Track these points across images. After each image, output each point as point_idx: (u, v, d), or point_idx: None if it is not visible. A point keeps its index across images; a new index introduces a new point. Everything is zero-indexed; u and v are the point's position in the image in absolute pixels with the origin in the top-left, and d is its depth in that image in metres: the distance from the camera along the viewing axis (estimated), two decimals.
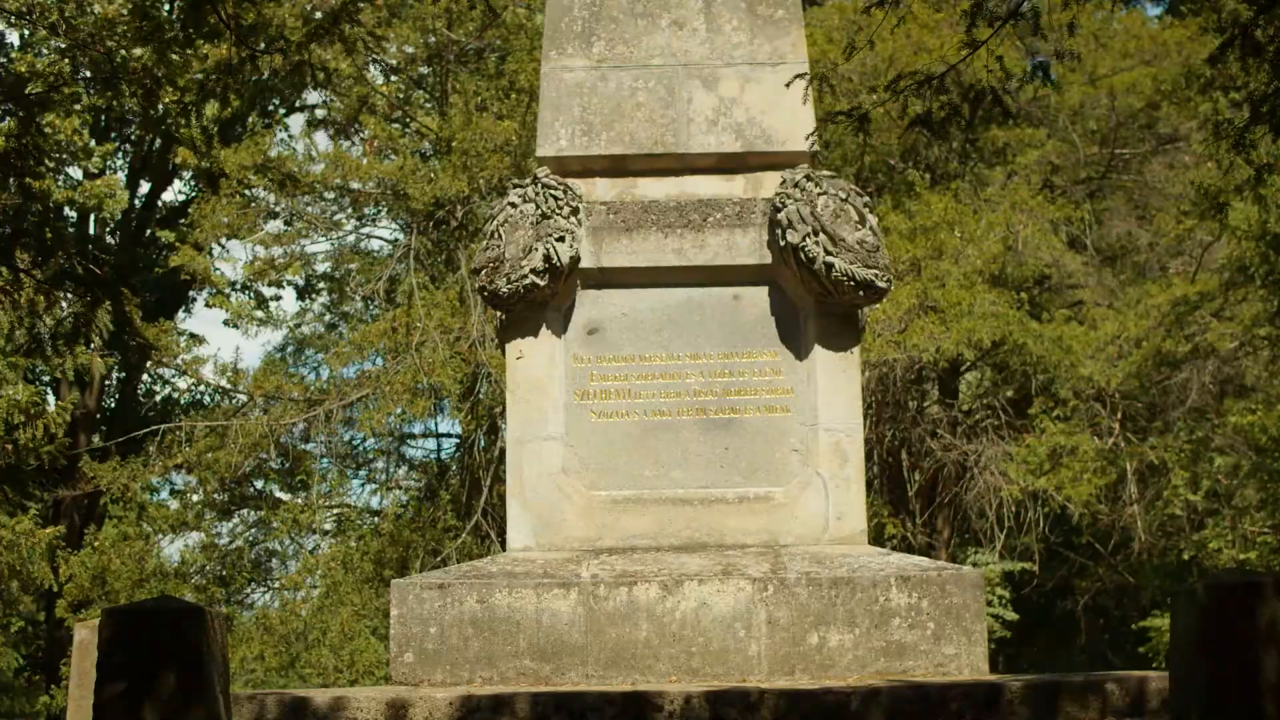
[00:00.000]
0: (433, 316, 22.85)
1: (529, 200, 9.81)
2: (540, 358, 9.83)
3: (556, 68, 10.28)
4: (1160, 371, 23.14)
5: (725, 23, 10.32)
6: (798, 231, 9.47)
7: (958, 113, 9.68)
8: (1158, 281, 23.90)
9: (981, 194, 23.34)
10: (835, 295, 9.56)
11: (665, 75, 10.24)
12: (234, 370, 25.24)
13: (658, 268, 9.88)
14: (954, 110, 9.70)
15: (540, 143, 10.20)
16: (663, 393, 9.78)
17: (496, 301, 9.75)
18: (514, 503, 9.73)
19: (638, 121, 10.17)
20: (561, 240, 9.63)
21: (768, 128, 10.12)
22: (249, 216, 24.72)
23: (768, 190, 9.98)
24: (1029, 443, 22.32)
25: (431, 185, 23.10)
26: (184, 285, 30.39)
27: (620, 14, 10.35)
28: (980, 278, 21.36)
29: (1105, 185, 25.97)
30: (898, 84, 9.44)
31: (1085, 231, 24.50)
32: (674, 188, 10.15)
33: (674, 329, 9.87)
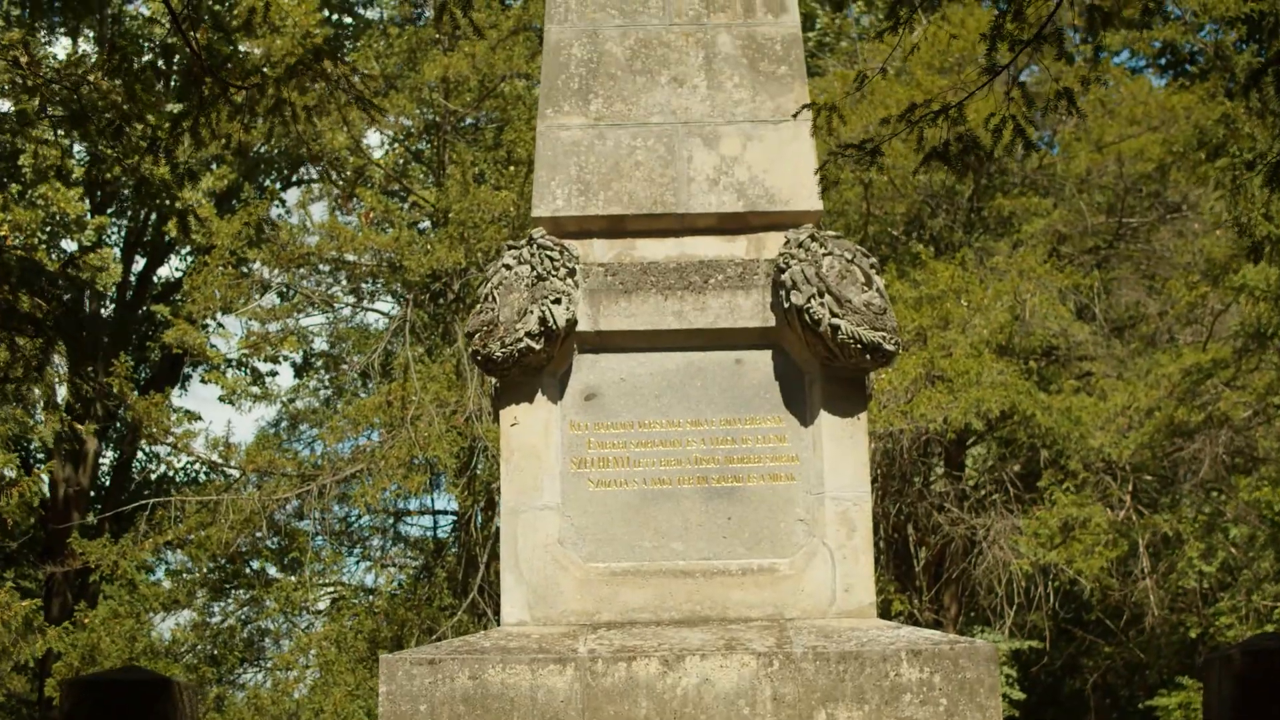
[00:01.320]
0: (429, 390, 22.55)
1: (524, 262, 9.49)
2: (536, 424, 9.48)
3: (553, 126, 9.98)
4: (1172, 442, 22.78)
5: (726, 79, 10.04)
6: (802, 293, 9.15)
7: (977, 144, 9.31)
8: (1167, 351, 23.58)
9: (988, 262, 23.07)
10: (841, 359, 9.22)
11: (665, 133, 9.95)
12: (226, 445, 24.88)
13: (657, 331, 9.53)
14: (973, 142, 9.34)
15: (536, 203, 9.89)
16: (663, 460, 9.42)
17: (490, 366, 9.41)
18: (508, 575, 9.35)
19: (636, 181, 9.86)
20: (557, 302, 9.30)
21: (770, 187, 9.81)
22: (243, 289, 24.44)
23: (771, 251, 9.66)
24: (1040, 515, 21.93)
25: (428, 257, 22.84)
26: (177, 359, 30.10)
27: (618, 71, 10.07)
28: (987, 347, 21.06)
29: (1113, 254, 25.72)
30: (912, 113, 9.08)
31: (1094, 300, 24.20)
32: (674, 249, 9.83)
33: (674, 394, 9.52)
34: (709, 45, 10.13)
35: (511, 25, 24.54)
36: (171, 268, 34.55)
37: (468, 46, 23.91)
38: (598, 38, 10.15)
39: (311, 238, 24.74)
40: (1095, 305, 24.33)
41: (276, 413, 30.84)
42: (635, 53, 10.12)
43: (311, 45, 12.70)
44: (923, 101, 9.23)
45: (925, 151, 9.64)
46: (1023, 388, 21.16)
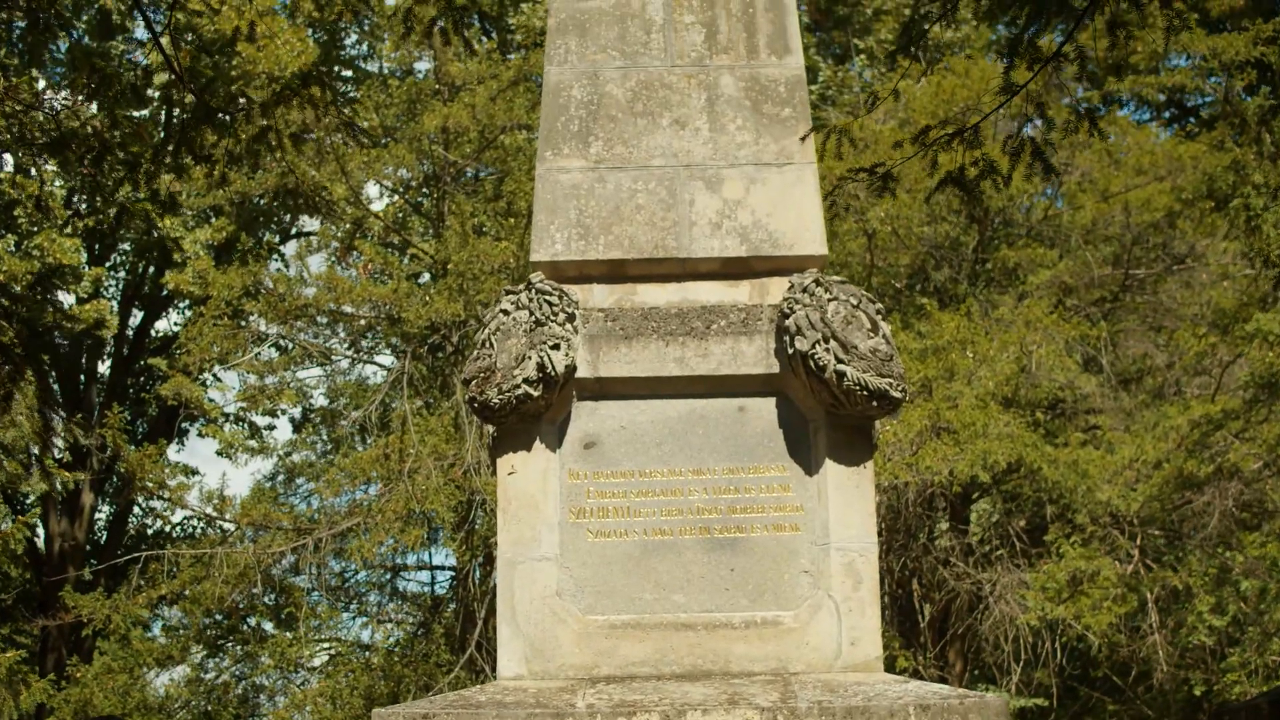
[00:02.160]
0: (426, 443, 22.33)
1: (522, 307, 9.28)
2: (533, 473, 9.24)
3: (552, 169, 9.79)
4: (1181, 495, 22.53)
5: (729, 122, 9.85)
6: (807, 338, 8.93)
7: (994, 168, 9.07)
8: (1175, 403, 23.36)
9: (993, 314, 22.89)
10: (847, 406, 8.99)
11: (666, 176, 9.75)
12: (221, 498, 24.63)
13: (658, 378, 9.30)
14: (990, 166, 9.09)
15: (535, 247, 9.67)
16: (664, 510, 9.17)
17: (487, 414, 9.18)
18: (505, 628, 9.09)
19: (637, 225, 9.65)
20: (556, 348, 9.07)
21: (774, 231, 9.61)
22: (239, 340, 24.26)
23: (774, 296, 9.45)
24: (1048, 568, 21.65)
25: (426, 308, 22.66)
26: (175, 414, 29.90)
27: (619, 113, 9.89)
28: (993, 399, 20.85)
29: (1119, 306, 25.54)
30: (925, 136, 8.85)
31: (1101, 352, 23.99)
32: (675, 294, 9.61)
33: (676, 442, 9.29)
34: (711, 87, 9.95)
35: (512, 75, 24.45)
36: (170, 322, 34.45)
37: (467, 97, 23.83)
38: (598, 79, 9.98)
39: (309, 289, 24.54)
40: (1102, 356, 24.11)
41: (273, 466, 30.64)
42: (636, 95, 9.94)
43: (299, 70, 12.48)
44: (937, 123, 8.97)
45: (939, 176, 9.37)
46: (1029, 439, 20.94)
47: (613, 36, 10.07)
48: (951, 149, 9.04)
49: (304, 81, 11.17)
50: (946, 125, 9.00)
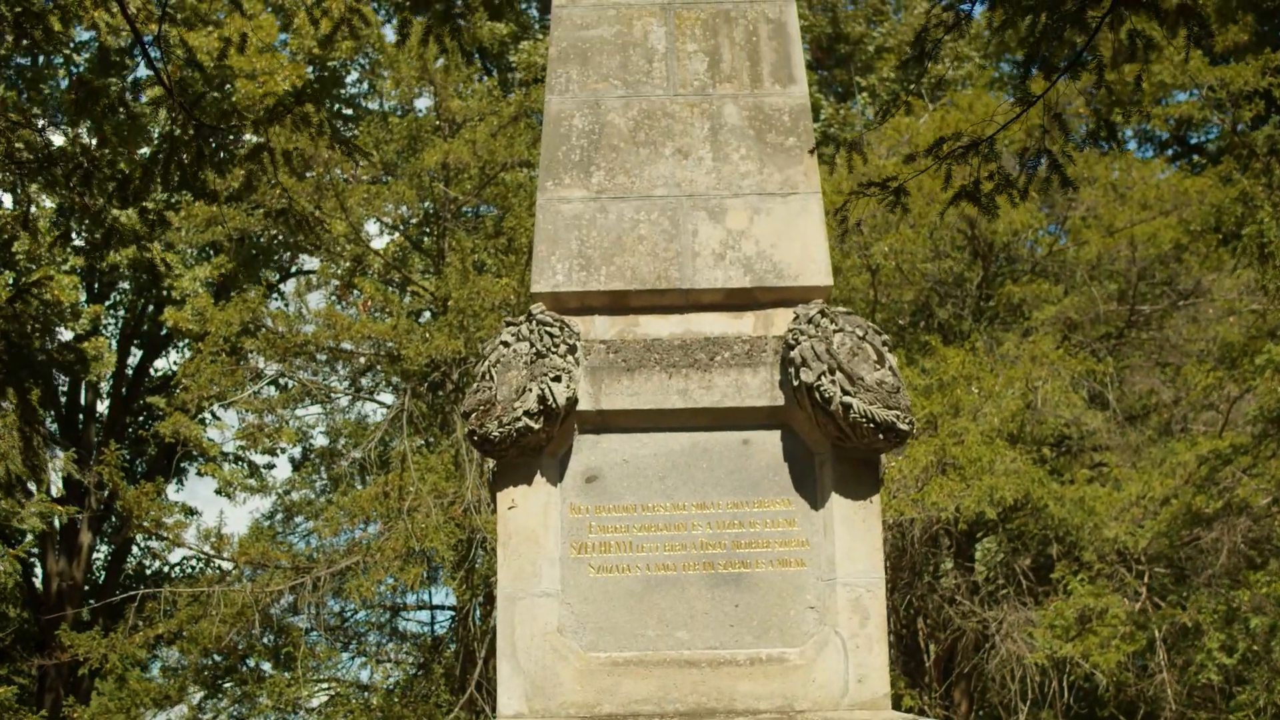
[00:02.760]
0: (426, 481, 22.16)
1: (523, 339, 9.13)
2: (534, 508, 9.08)
3: (553, 199, 9.65)
4: (1189, 531, 22.32)
5: (733, 151, 9.72)
6: (812, 370, 8.78)
7: (1010, 183, 8.89)
8: (1182, 440, 23.16)
9: (998, 349, 22.73)
10: (853, 439, 8.84)
11: (669, 206, 9.61)
12: (218, 536, 24.44)
13: (661, 410, 9.15)
14: (1005, 180, 8.90)
15: (535, 278, 9.52)
16: (667, 545, 9.01)
17: (487, 447, 9.02)
18: (505, 665, 8.91)
19: (639, 255, 9.51)
20: (557, 380, 8.92)
21: (779, 262, 9.46)
22: (237, 377, 24.11)
23: (779, 328, 9.30)
24: (1056, 605, 21.42)
25: (426, 345, 22.51)
26: (171, 450, 29.75)
27: (621, 142, 9.76)
28: (999, 435, 20.68)
29: (1125, 342, 25.38)
30: (939, 148, 8.68)
31: (1107, 387, 23.80)
32: (678, 326, 9.46)
33: (679, 476, 9.13)
34: (715, 116, 9.82)
35: (513, 111, 24.38)
36: (170, 361, 34.35)
37: (468, 133, 23.74)
38: (600, 109, 9.86)
39: (308, 326, 24.42)
40: (1109, 392, 23.92)
41: (272, 504, 30.47)
42: (639, 124, 9.82)
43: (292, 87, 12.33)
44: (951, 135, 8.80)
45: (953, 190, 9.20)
46: (1036, 475, 20.76)
47: (614, 65, 9.96)
48: (966, 162, 8.84)
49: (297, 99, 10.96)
50: (960, 138, 8.80)
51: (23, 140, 16.36)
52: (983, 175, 8.90)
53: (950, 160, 8.71)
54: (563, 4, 10.14)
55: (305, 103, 10.83)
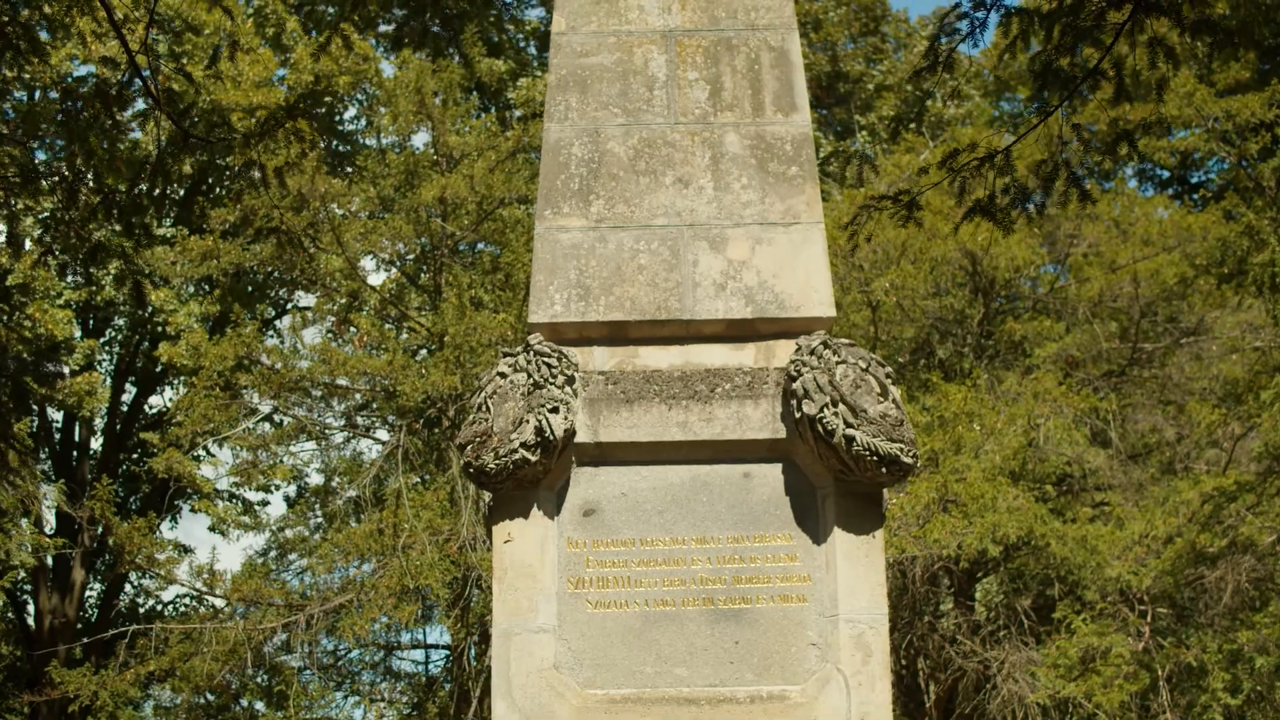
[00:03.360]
0: (421, 518, 21.98)
1: (520, 369, 8.97)
2: (530, 542, 8.90)
3: (551, 228, 9.50)
4: (1194, 569, 22.11)
5: (734, 180, 9.58)
6: (815, 402, 8.63)
7: (1026, 197, 8.69)
8: (1186, 479, 22.98)
9: (1000, 386, 22.57)
10: (856, 472, 8.67)
11: (669, 236, 9.47)
12: (211, 573, 24.22)
13: (660, 443, 8.99)
14: (1022, 193, 8.69)
15: (533, 308, 9.37)
16: (666, 580, 8.84)
17: (483, 479, 8.85)
18: (500, 702, 8.71)
19: (639, 285, 9.35)
20: (555, 411, 8.76)
21: (780, 292, 9.31)
22: (232, 412, 23.94)
23: (781, 359, 9.15)
24: (1059, 644, 21.20)
25: (422, 381, 22.35)
26: (165, 487, 29.58)
27: (621, 171, 9.61)
28: (1000, 473, 20.51)
29: (1127, 380, 25.21)
30: (954, 160, 8.49)
31: (1110, 425, 23.61)
32: (678, 357, 9.31)
33: (678, 510, 8.96)
34: (716, 145, 9.69)
35: (511, 146, 24.28)
36: (165, 398, 34.22)
37: (466, 168, 23.63)
38: (599, 137, 9.72)
39: (303, 362, 24.27)
40: (1111, 430, 23.74)
41: (265, 541, 30.26)
42: (639, 152, 9.68)
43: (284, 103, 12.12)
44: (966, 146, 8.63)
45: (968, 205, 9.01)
46: (1039, 512, 20.58)
47: (614, 93, 9.83)
48: (980, 175, 8.65)
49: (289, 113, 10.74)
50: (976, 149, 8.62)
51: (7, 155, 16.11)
52: (998, 189, 8.69)
53: (964, 173, 8.49)
54: (562, 31, 10.02)
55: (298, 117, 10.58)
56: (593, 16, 10.03)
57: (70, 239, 22.72)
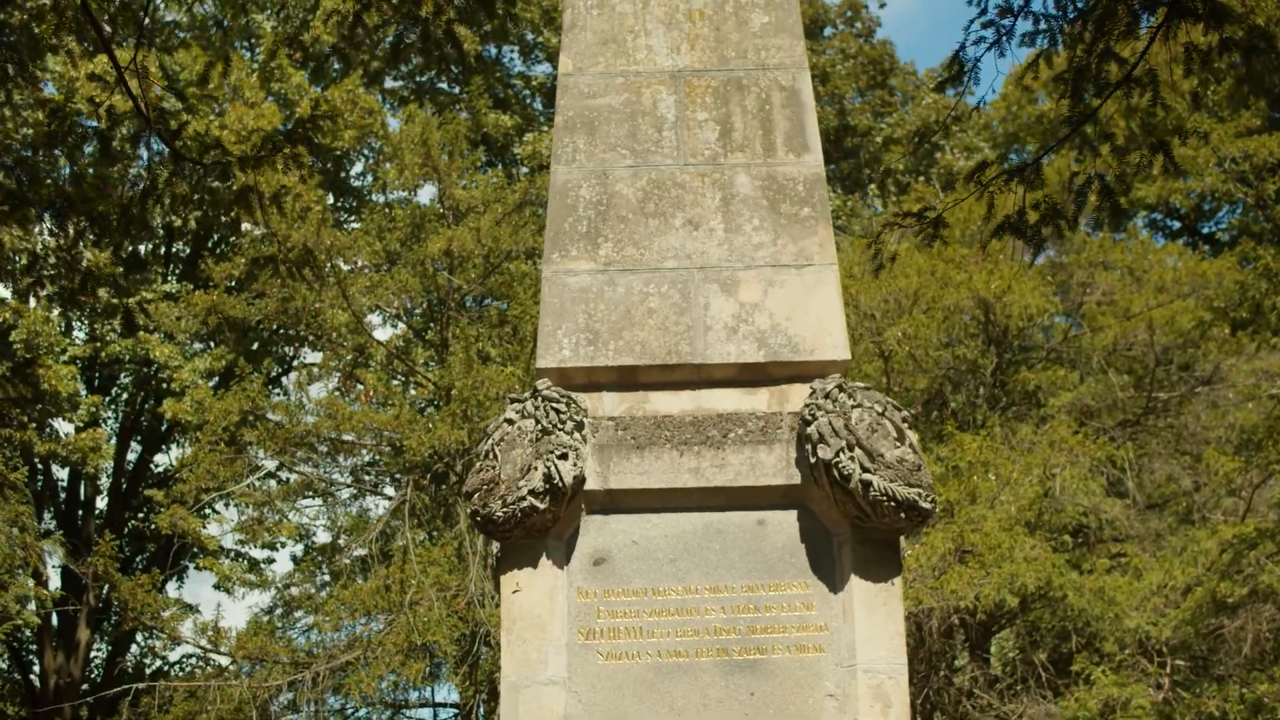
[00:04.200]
0: (429, 574, 21.75)
1: (528, 415, 8.78)
2: (539, 592, 8.68)
3: (559, 271, 9.31)
4: (1215, 619, 21.81)
5: (745, 222, 9.40)
6: (830, 446, 8.42)
7: (1058, 213, 8.40)
8: (1203, 528, 22.71)
9: (1015, 435, 22.34)
10: (873, 518, 8.46)
11: (679, 279, 9.28)
12: (215, 629, 23.97)
13: (672, 489, 8.78)
14: (1053, 209, 8.39)
15: (541, 353, 9.18)
16: (679, 631, 8.61)
17: (490, 528, 8.64)
18: None
19: (649, 329, 9.16)
20: (564, 458, 8.56)
21: (794, 336, 9.12)
22: (237, 468, 23.73)
23: (794, 404, 8.95)
24: (1079, 696, 20.88)
25: (429, 436, 22.15)
26: (169, 543, 29.39)
27: (630, 213, 9.44)
28: (1016, 523, 20.26)
29: (1142, 429, 24.96)
30: (981, 174, 8.23)
31: (1126, 473, 23.33)
32: (690, 402, 9.10)
33: (691, 558, 8.75)
34: (726, 186, 9.52)
35: (518, 198, 24.17)
36: (170, 457, 34.07)
37: (473, 220, 23.51)
38: (607, 179, 9.56)
39: (309, 417, 24.08)
40: (1128, 478, 23.48)
41: (271, 599, 30.01)
42: (648, 194, 9.51)
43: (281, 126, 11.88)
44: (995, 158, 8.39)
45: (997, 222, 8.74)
46: (1057, 562, 20.32)
47: (623, 134, 9.67)
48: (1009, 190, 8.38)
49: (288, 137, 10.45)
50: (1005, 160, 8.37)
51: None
52: (1028, 204, 8.42)
53: (993, 188, 8.24)
54: (569, 72, 9.87)
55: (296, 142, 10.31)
56: (600, 57, 9.89)
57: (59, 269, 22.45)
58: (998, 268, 21.47)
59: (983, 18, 7.91)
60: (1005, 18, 7.50)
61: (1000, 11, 7.59)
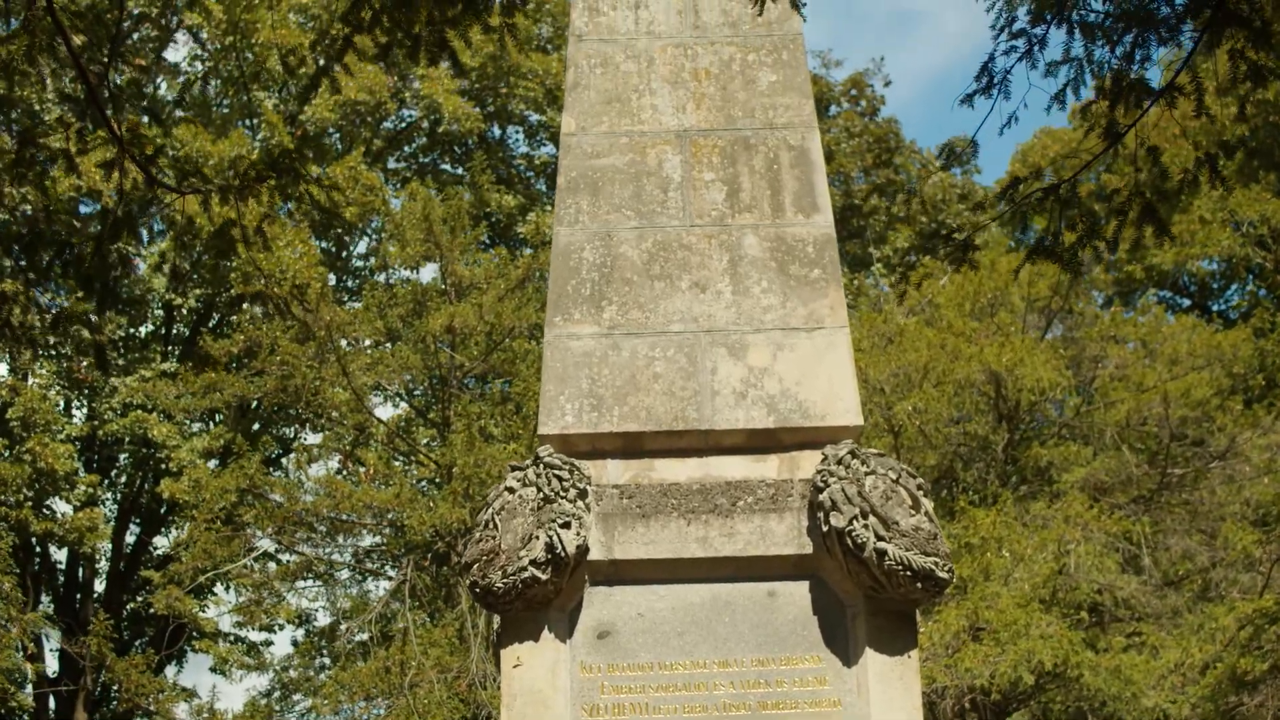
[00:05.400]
0: (430, 655, 21.40)
1: (529, 484, 8.50)
2: (541, 666, 8.39)
3: (562, 335, 9.05)
4: (1235, 695, 21.40)
5: (754, 284, 9.14)
6: (843, 514, 8.14)
7: (1096, 232, 7.99)
8: (1221, 604, 22.34)
9: (1028, 511, 22.01)
10: (888, 589, 8.17)
11: (686, 343, 9.02)
12: (211, 712, 23.57)
13: (679, 560, 8.52)
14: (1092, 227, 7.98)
15: (543, 419, 8.90)
16: (687, 707, 8.32)
17: (490, 600, 8.34)
18: None
19: (655, 395, 8.89)
20: (567, 526, 8.27)
21: (804, 401, 8.84)
22: (234, 547, 23.40)
23: (805, 471, 8.66)
24: None
25: (430, 514, 21.84)
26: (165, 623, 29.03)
27: (635, 276, 9.18)
28: (1030, 599, 19.91)
29: (1157, 505, 24.61)
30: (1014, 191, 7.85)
31: (1142, 549, 22.96)
32: (697, 469, 8.82)
33: (699, 632, 8.46)
34: (734, 248, 9.27)
35: (520, 274, 23.96)
36: (170, 539, 33.74)
37: (475, 296, 23.28)
38: (611, 240, 9.31)
39: (308, 496, 23.79)
40: (1144, 554, 23.11)
41: (269, 682, 29.61)
42: (653, 256, 9.26)
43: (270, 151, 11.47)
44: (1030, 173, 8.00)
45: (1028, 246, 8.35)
46: (1074, 639, 19.94)
47: (627, 195, 9.44)
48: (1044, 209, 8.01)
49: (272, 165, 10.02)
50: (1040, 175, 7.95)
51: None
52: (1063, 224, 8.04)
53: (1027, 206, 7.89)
54: (572, 132, 9.65)
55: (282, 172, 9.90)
56: (604, 117, 9.67)
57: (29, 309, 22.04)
58: (1009, 341, 21.32)
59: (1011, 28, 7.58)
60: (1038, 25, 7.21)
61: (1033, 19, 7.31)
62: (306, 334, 22.89)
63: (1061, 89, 7.46)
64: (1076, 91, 7.55)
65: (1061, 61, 7.43)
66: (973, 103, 7.70)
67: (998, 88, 7.42)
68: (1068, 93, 7.53)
